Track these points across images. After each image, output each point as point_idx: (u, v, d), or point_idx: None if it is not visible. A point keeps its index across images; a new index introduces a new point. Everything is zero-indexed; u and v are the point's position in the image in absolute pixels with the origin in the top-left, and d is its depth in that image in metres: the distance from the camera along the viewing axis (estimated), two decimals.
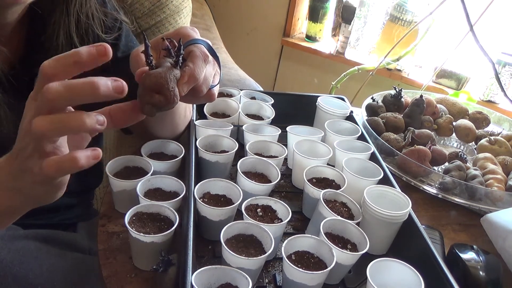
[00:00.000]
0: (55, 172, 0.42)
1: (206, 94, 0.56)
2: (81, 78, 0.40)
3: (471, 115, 1.17)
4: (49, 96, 0.38)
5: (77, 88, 0.39)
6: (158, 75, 0.45)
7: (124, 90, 0.41)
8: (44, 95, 0.38)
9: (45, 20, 0.64)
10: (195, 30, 0.56)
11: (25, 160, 0.43)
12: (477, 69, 1.85)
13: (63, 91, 0.39)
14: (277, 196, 0.81)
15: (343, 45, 2.04)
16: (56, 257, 0.71)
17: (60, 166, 0.41)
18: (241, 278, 0.55)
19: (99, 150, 0.43)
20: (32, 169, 0.42)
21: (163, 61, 0.48)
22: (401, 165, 0.94)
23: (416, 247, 0.67)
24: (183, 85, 0.48)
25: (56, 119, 0.39)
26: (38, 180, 0.44)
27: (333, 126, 0.92)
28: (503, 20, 1.75)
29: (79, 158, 0.41)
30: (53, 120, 0.39)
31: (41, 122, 0.39)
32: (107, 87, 0.40)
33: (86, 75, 0.41)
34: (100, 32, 0.70)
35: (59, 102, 0.39)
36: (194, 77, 0.49)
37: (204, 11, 2.12)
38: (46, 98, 0.39)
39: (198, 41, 0.54)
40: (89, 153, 0.42)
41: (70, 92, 0.39)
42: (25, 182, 0.44)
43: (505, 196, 0.88)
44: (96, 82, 0.39)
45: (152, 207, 0.66)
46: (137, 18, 1.13)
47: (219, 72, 0.60)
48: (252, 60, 2.35)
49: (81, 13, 0.66)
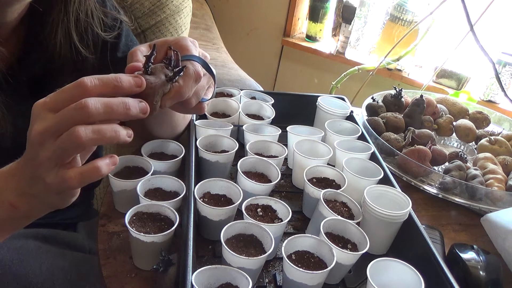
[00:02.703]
0: (79, 183, 0.43)
1: (196, 107, 0.58)
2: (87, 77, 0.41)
3: (471, 115, 1.17)
4: (88, 111, 0.40)
5: (113, 108, 0.41)
6: (150, 85, 0.47)
7: (148, 111, 0.44)
8: (84, 109, 0.40)
9: (43, 19, 0.64)
10: (195, 44, 0.57)
11: (36, 168, 0.43)
12: (477, 69, 1.85)
13: (101, 108, 0.41)
14: (277, 196, 0.81)
15: (343, 45, 2.04)
16: (56, 256, 0.71)
17: (84, 177, 0.43)
18: (241, 278, 0.55)
19: (116, 156, 0.45)
20: (45, 178, 0.43)
21: (158, 70, 0.49)
22: (401, 165, 0.94)
23: (416, 247, 0.67)
24: (167, 100, 0.49)
25: (97, 130, 0.41)
26: (53, 190, 0.44)
27: (333, 126, 0.92)
28: (503, 20, 1.75)
29: (100, 167, 0.43)
30: (94, 130, 0.41)
31: (83, 132, 0.40)
32: (136, 108, 0.43)
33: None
34: (99, 30, 0.69)
35: (95, 118, 0.41)
36: (180, 94, 0.51)
37: (204, 11, 2.12)
38: (84, 112, 0.40)
39: (194, 58, 0.54)
40: (108, 160, 0.44)
41: (107, 110, 0.41)
42: (39, 190, 0.45)
43: (505, 196, 0.88)
44: (128, 103, 0.42)
45: (152, 207, 0.66)
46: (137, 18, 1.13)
47: (213, 87, 0.61)
48: (252, 60, 2.35)
49: (80, 11, 0.66)
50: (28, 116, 0.44)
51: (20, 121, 0.64)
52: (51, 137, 0.41)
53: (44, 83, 0.68)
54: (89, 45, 0.69)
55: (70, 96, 0.41)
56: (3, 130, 0.62)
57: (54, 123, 0.41)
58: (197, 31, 1.89)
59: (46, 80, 0.68)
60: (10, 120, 0.62)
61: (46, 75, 0.67)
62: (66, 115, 0.41)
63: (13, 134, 0.63)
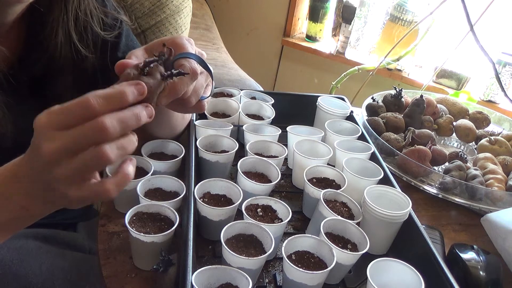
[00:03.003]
0: (117, 193, 0.45)
1: (196, 105, 0.58)
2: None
3: (471, 115, 1.17)
4: (107, 132, 0.41)
5: (128, 123, 0.43)
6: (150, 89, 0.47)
7: (154, 114, 0.46)
8: (103, 131, 0.41)
9: (44, 19, 0.64)
10: (191, 42, 0.56)
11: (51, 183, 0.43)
12: (477, 69, 1.85)
13: (118, 126, 0.42)
14: (277, 196, 0.81)
15: (343, 45, 2.04)
16: (56, 256, 0.71)
17: (120, 186, 0.45)
18: (241, 278, 0.55)
19: (134, 158, 0.48)
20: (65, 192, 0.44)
21: (154, 69, 0.49)
22: (401, 165, 0.94)
23: (416, 247, 0.67)
24: (162, 98, 0.50)
25: (120, 146, 0.43)
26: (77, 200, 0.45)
27: (333, 126, 0.92)
28: (503, 20, 1.75)
29: (130, 174, 0.46)
30: (118, 147, 0.43)
31: (110, 150, 0.42)
32: (145, 116, 0.45)
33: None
34: (99, 30, 0.70)
35: (114, 137, 0.43)
36: (175, 92, 0.51)
37: (204, 11, 2.12)
38: (104, 134, 0.41)
39: (190, 55, 0.54)
40: (131, 165, 0.47)
41: (123, 126, 0.43)
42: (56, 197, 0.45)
43: (505, 196, 0.88)
44: (139, 114, 0.44)
45: (152, 207, 0.66)
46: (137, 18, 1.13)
47: (211, 84, 0.60)
48: (252, 60, 2.35)
49: (80, 10, 0.66)
50: (29, 116, 0.44)
51: (20, 121, 0.64)
52: (67, 156, 0.42)
53: (45, 83, 0.68)
54: (88, 44, 0.69)
55: (78, 116, 0.42)
56: (4, 130, 0.62)
57: (69, 143, 0.41)
58: (197, 31, 1.89)
59: (46, 80, 0.68)
60: (11, 120, 0.62)
61: (46, 75, 0.68)
62: (84, 135, 0.42)
63: (14, 134, 0.63)
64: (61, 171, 0.42)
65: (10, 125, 0.63)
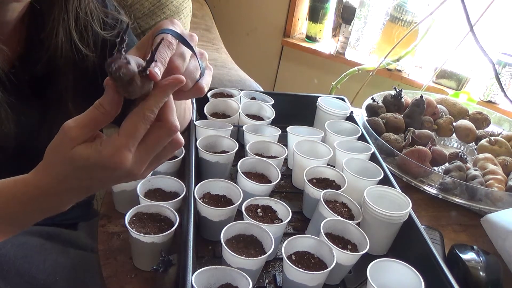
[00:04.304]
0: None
1: (194, 88, 0.53)
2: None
3: (471, 116, 1.17)
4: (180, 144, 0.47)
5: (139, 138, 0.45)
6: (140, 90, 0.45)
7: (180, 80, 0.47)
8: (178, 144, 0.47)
9: (44, 18, 0.64)
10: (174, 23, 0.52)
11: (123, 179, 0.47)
12: (477, 70, 1.85)
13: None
14: (277, 197, 0.81)
15: (343, 45, 2.04)
16: (59, 253, 0.72)
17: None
18: (241, 279, 0.55)
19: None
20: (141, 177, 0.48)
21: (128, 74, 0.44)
22: (401, 165, 0.94)
23: (416, 247, 0.67)
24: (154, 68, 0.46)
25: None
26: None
27: (333, 127, 0.92)
28: (503, 20, 1.75)
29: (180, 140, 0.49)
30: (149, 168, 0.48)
31: (181, 139, 0.47)
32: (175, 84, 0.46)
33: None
34: (99, 29, 0.70)
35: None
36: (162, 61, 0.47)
37: (204, 11, 2.12)
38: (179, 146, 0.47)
39: (166, 30, 0.50)
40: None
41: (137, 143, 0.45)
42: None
43: (505, 196, 0.88)
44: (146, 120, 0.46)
45: (152, 208, 0.66)
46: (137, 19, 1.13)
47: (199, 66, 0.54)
48: (252, 61, 2.35)
49: (80, 9, 0.66)
50: (30, 115, 0.43)
51: (23, 120, 0.64)
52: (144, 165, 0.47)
53: (46, 82, 0.68)
54: (89, 43, 0.69)
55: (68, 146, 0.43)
56: (7, 129, 0.62)
57: (148, 156, 0.46)
58: (197, 32, 1.89)
59: (47, 79, 0.68)
60: (13, 119, 0.62)
61: (47, 74, 0.68)
62: (163, 148, 0.47)
63: (16, 133, 0.63)
64: (147, 172, 0.48)
65: (13, 124, 0.63)
